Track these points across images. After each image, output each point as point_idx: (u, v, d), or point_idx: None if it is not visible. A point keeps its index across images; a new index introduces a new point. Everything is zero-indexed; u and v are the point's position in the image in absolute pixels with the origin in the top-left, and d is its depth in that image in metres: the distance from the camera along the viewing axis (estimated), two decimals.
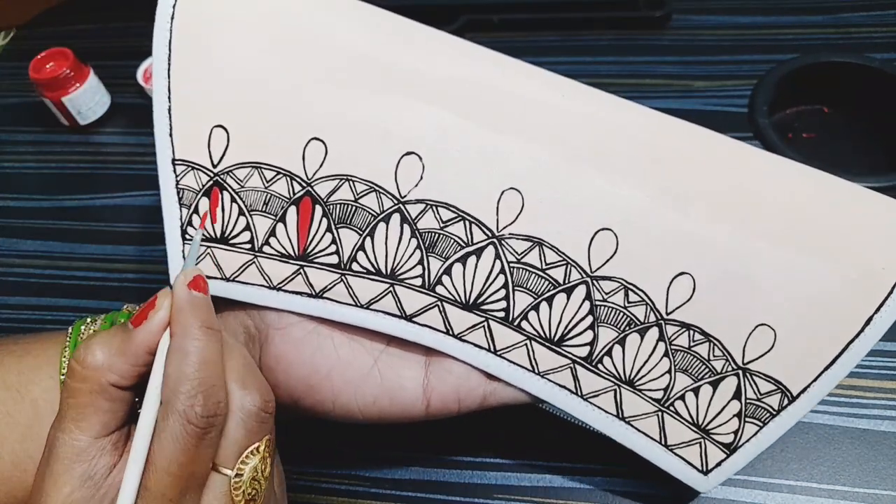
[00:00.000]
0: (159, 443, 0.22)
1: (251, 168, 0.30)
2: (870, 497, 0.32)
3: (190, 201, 0.31)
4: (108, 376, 0.23)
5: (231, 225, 0.31)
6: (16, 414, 0.29)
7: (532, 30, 0.56)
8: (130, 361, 0.24)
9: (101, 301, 0.43)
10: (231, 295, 0.30)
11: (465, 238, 0.29)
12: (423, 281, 0.29)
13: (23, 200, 0.49)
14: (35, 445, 0.28)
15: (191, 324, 0.24)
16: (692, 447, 0.29)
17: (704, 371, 0.28)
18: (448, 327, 0.29)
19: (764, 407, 0.28)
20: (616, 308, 0.29)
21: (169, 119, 0.31)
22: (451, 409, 0.29)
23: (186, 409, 0.22)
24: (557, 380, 0.29)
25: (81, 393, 0.23)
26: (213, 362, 0.23)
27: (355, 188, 0.30)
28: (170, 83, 0.31)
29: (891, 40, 0.51)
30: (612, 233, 0.28)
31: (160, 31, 0.31)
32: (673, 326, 0.28)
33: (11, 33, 0.63)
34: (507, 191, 0.29)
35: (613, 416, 0.29)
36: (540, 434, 0.35)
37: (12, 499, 0.28)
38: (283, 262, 0.30)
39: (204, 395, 0.22)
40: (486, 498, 0.34)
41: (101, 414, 0.23)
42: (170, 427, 0.22)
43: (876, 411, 0.35)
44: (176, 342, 0.23)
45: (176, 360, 0.23)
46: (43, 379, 0.29)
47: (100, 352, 0.23)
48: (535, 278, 0.29)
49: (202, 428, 0.22)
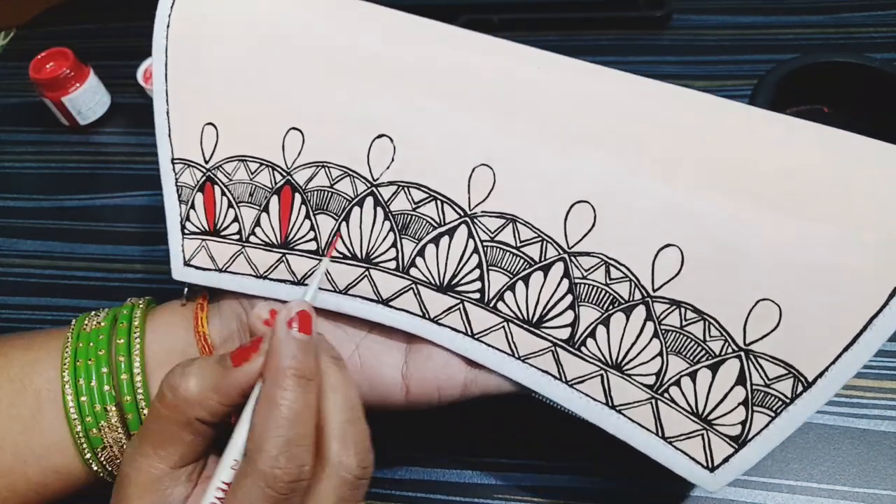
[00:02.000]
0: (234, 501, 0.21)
1: (238, 161, 0.31)
2: (870, 497, 0.32)
3: (187, 197, 0.32)
4: (197, 411, 0.23)
5: (222, 217, 0.32)
6: (19, 405, 0.29)
7: (532, 30, 0.56)
8: (222, 400, 0.23)
9: (101, 301, 0.43)
10: (223, 285, 0.31)
11: (437, 218, 0.28)
12: (397, 264, 0.29)
13: (23, 200, 0.49)
14: (36, 437, 0.28)
15: (284, 370, 0.22)
16: (693, 439, 0.26)
17: (701, 353, 0.26)
18: (424, 311, 0.29)
19: (774, 394, 0.25)
20: (597, 286, 0.27)
21: (167, 121, 0.32)
22: (431, 396, 0.28)
23: (267, 471, 0.21)
24: (540, 364, 0.28)
25: (167, 421, 0.23)
26: (302, 418, 0.22)
27: (331, 174, 0.30)
28: (167, 87, 0.32)
29: (891, 40, 0.52)
30: (589, 205, 0.27)
31: (158, 37, 0.32)
32: (661, 304, 0.26)
33: (11, 33, 0.63)
34: (477, 167, 0.28)
35: (602, 403, 0.27)
36: (540, 434, 0.35)
37: (12, 492, 0.28)
38: (267, 251, 0.31)
39: (287, 457, 0.21)
40: (486, 498, 0.34)
41: (181, 445, 0.23)
42: (247, 487, 0.21)
43: (876, 411, 0.35)
44: (267, 390, 0.22)
45: (264, 411, 0.22)
46: (45, 370, 0.29)
47: (194, 383, 0.23)
48: (509, 257, 0.28)
49: (283, 493, 0.21)
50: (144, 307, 0.32)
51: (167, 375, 0.24)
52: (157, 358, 0.30)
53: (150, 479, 0.22)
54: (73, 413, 0.28)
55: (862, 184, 0.24)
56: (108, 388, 0.29)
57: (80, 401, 0.29)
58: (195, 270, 0.32)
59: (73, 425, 0.28)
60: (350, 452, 0.22)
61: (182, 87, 0.32)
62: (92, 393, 0.29)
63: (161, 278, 0.44)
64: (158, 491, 0.23)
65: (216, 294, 0.32)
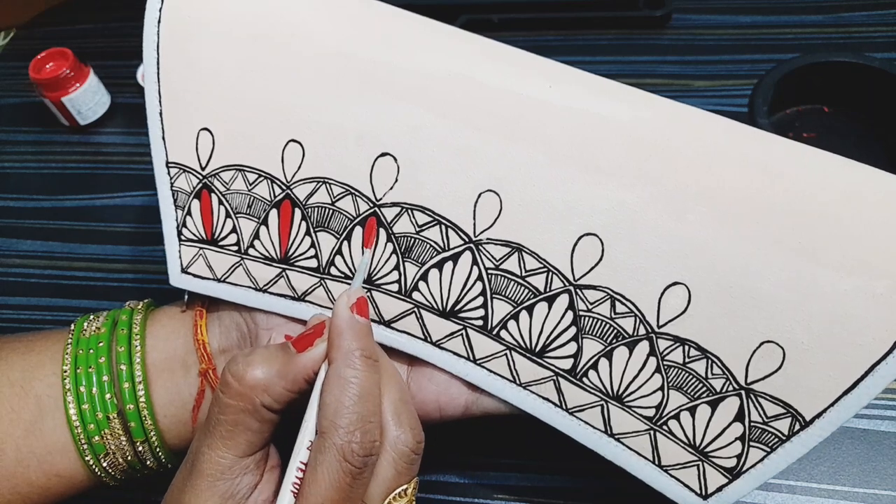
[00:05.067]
0: (314, 476, 0.22)
1: (235, 170, 0.30)
2: (870, 497, 0.32)
3: (183, 203, 0.31)
4: (263, 397, 0.23)
5: (220, 227, 0.31)
6: (20, 410, 0.29)
7: (532, 29, 0.56)
8: (288, 386, 0.23)
9: (101, 301, 0.43)
10: (222, 295, 0.31)
11: (441, 243, 0.28)
12: (399, 287, 0.29)
13: (23, 200, 0.49)
14: (38, 441, 0.28)
15: (352, 350, 0.23)
16: (689, 469, 0.27)
17: (701, 389, 0.26)
18: (426, 334, 0.29)
19: (772, 431, 0.25)
20: (602, 319, 0.27)
21: (161, 123, 0.31)
22: (431, 416, 0.29)
23: (344, 445, 0.21)
24: (541, 392, 0.28)
25: (234, 410, 0.23)
26: (372, 395, 0.23)
27: (332, 191, 0.29)
28: (160, 87, 0.31)
29: (891, 40, 0.51)
30: (597, 238, 0.26)
31: (149, 35, 0.31)
32: (665, 341, 0.26)
33: (11, 33, 0.63)
34: (484, 193, 0.27)
35: (602, 432, 0.27)
36: (540, 434, 0.35)
37: (16, 495, 0.28)
38: (266, 265, 0.30)
39: (362, 431, 0.22)
40: (485, 498, 0.34)
41: (248, 434, 0.23)
42: (326, 462, 0.21)
43: (876, 411, 0.35)
44: (335, 369, 0.23)
45: (335, 389, 0.22)
46: (46, 375, 0.29)
47: (260, 370, 0.23)
48: (514, 286, 0.27)
49: (358, 467, 0.21)
50: (144, 312, 0.32)
51: (229, 364, 0.24)
52: (158, 365, 0.30)
53: (219, 468, 0.23)
54: (75, 421, 0.28)
55: (875, 227, 0.24)
56: (109, 397, 0.29)
57: (82, 408, 0.28)
58: (193, 278, 0.32)
59: (76, 432, 0.28)
60: (405, 429, 0.24)
61: (175, 89, 0.31)
62: (93, 401, 0.29)
63: (161, 279, 0.44)
64: (228, 480, 0.23)
65: (215, 302, 0.32)
